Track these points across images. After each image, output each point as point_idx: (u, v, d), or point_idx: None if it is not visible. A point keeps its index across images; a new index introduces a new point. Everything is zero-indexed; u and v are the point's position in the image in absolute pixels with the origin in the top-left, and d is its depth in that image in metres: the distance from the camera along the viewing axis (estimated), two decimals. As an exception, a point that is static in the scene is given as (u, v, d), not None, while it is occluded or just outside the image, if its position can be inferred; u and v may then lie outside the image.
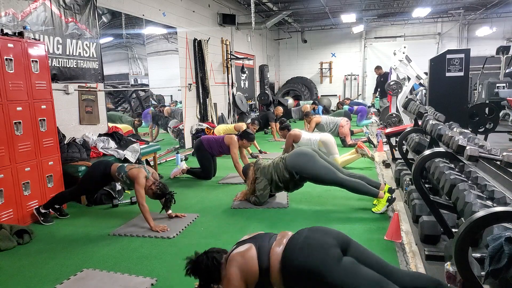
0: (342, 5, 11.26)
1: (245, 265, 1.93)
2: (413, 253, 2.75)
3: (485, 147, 2.40)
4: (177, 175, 5.44)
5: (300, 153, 3.96)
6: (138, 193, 3.52)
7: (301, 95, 14.80)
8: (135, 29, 6.52)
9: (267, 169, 4.04)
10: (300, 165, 3.85)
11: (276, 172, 3.96)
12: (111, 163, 3.88)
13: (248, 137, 5.18)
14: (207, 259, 2.03)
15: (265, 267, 1.92)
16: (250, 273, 1.93)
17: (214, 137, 5.43)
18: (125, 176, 3.64)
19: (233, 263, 1.97)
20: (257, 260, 1.93)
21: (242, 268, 1.93)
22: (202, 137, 5.57)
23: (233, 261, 1.98)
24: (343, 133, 7.47)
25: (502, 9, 12.16)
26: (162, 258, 2.92)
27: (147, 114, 7.10)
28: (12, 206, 3.57)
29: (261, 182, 4.02)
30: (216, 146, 5.27)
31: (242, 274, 1.93)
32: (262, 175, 4.04)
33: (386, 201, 3.69)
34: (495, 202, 2.32)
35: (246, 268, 1.93)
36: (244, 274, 1.93)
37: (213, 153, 5.32)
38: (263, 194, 4.03)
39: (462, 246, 1.59)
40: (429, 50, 13.27)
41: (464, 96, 6.09)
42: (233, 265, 1.96)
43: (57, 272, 2.75)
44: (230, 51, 10.23)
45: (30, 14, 4.26)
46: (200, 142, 5.38)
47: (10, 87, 3.54)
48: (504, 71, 9.30)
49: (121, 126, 6.02)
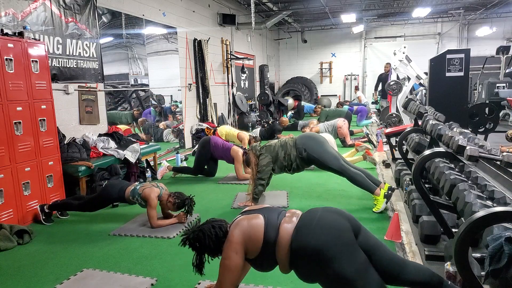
0: (342, 5, 11.26)
1: (250, 232, 1.86)
2: (413, 253, 2.75)
3: (485, 147, 2.40)
4: (164, 173, 5.52)
5: (312, 135, 4.06)
6: (149, 215, 3.51)
7: (301, 95, 14.79)
8: (135, 29, 6.52)
9: (273, 146, 4.04)
10: (311, 145, 3.90)
11: (283, 150, 3.97)
12: (125, 186, 3.71)
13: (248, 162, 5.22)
14: (213, 227, 1.95)
15: (271, 240, 1.84)
16: (253, 241, 1.85)
17: (223, 143, 5.40)
18: (140, 199, 3.58)
19: (238, 226, 1.89)
20: (263, 230, 1.85)
21: (246, 233, 1.86)
22: (212, 136, 5.59)
23: (239, 225, 1.90)
24: (342, 134, 7.49)
25: (502, 9, 12.16)
26: (162, 258, 2.92)
27: (147, 114, 7.10)
28: (12, 206, 3.57)
29: (264, 158, 4.00)
30: (221, 152, 5.29)
31: (244, 239, 1.85)
32: (267, 152, 4.03)
33: (383, 198, 3.71)
34: (495, 202, 2.32)
35: (250, 235, 1.85)
36: (247, 241, 1.85)
37: (214, 155, 5.34)
38: (265, 170, 3.99)
39: (462, 246, 1.59)
40: (429, 50, 13.26)
41: (464, 96, 6.09)
42: (237, 228, 1.88)
43: (57, 272, 2.75)
44: (230, 51, 10.23)
45: (30, 14, 4.26)
46: (208, 141, 5.38)
47: (10, 87, 3.54)
48: (504, 71, 9.30)
49: (121, 126, 6.03)
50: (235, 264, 1.86)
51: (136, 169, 5.10)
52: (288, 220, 1.89)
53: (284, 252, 1.82)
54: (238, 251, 1.85)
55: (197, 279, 2.56)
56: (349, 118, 9.02)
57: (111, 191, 3.70)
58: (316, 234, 1.76)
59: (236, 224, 1.92)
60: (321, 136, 4.10)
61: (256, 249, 1.85)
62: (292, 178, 5.13)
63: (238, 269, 1.87)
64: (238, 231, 1.87)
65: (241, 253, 1.86)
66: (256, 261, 1.91)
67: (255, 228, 1.86)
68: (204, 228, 1.97)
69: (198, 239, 1.96)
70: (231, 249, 1.86)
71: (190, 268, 2.72)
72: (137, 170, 5.14)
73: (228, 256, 1.86)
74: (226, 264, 1.87)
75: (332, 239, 1.73)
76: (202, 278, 2.56)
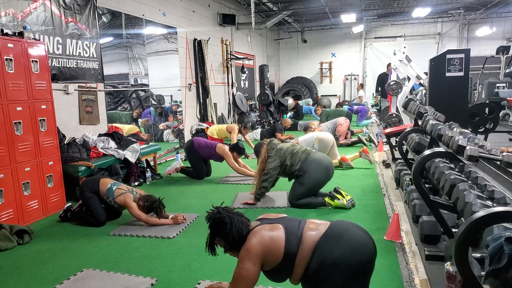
0: (342, 5, 11.26)
1: (271, 245, 1.78)
2: (413, 253, 2.75)
3: (485, 147, 2.40)
4: (171, 173, 5.49)
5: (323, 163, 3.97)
6: (136, 217, 3.55)
7: (301, 95, 14.79)
8: (135, 29, 6.52)
9: (284, 152, 4.03)
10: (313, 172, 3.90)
11: (291, 160, 3.97)
12: (97, 182, 3.69)
13: (238, 150, 5.22)
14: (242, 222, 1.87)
15: (293, 251, 1.76)
16: (274, 254, 1.78)
17: (206, 142, 5.41)
18: (113, 201, 3.60)
19: (258, 237, 1.81)
20: (284, 243, 1.78)
21: (267, 246, 1.78)
22: (194, 138, 5.61)
23: (259, 235, 1.81)
24: (339, 131, 7.50)
25: (502, 9, 12.16)
26: (162, 258, 2.92)
27: (147, 114, 7.10)
28: (12, 206, 3.57)
29: (273, 162, 4.00)
30: (207, 151, 5.27)
31: (263, 252, 1.78)
32: (276, 156, 4.02)
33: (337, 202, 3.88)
34: (495, 202, 2.32)
35: (270, 248, 1.78)
36: (266, 253, 1.78)
37: (201, 155, 5.33)
38: (271, 174, 4.00)
39: (462, 246, 1.59)
40: (429, 50, 13.27)
41: (464, 96, 6.09)
42: (257, 238, 1.80)
43: (57, 272, 2.75)
44: (230, 51, 10.23)
45: (30, 14, 4.26)
46: (191, 143, 5.39)
47: (10, 87, 3.54)
48: (504, 71, 9.30)
49: (128, 127, 6.06)
50: (252, 276, 1.79)
51: (136, 169, 5.10)
52: (313, 228, 1.83)
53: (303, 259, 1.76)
54: (255, 263, 1.78)
55: (197, 279, 2.57)
56: (349, 118, 9.00)
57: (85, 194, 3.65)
58: (343, 247, 1.71)
59: (256, 233, 1.84)
60: (328, 164, 4.02)
61: (275, 262, 1.79)
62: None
63: (253, 280, 1.81)
64: (258, 242, 1.79)
65: (258, 265, 1.79)
66: (272, 272, 1.85)
67: (276, 241, 1.79)
68: (234, 217, 1.89)
69: (223, 222, 1.88)
70: (249, 260, 1.78)
71: (190, 268, 2.74)
72: (137, 170, 5.14)
73: (245, 266, 1.79)
74: (241, 274, 1.80)
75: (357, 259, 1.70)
76: (202, 278, 2.57)
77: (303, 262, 1.76)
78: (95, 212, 3.64)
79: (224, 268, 2.70)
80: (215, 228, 1.92)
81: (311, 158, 3.97)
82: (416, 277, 2.45)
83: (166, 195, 4.65)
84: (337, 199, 3.89)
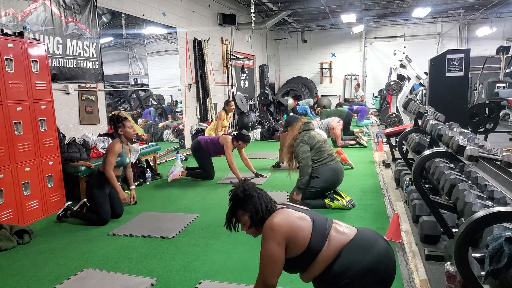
0: (342, 5, 11.26)
1: (297, 231, 1.72)
2: (413, 253, 2.75)
3: (485, 147, 2.40)
4: (176, 178, 5.25)
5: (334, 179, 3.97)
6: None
7: (301, 95, 14.79)
8: (135, 29, 6.52)
9: (315, 143, 3.94)
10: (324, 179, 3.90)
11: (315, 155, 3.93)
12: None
13: (243, 138, 5.19)
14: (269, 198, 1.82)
15: (317, 247, 1.71)
16: (297, 243, 1.72)
17: (210, 138, 5.44)
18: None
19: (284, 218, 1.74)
20: (310, 236, 1.72)
21: (293, 231, 1.72)
22: (199, 137, 5.57)
23: (286, 216, 1.75)
24: (335, 134, 7.45)
25: (502, 9, 12.16)
26: (162, 258, 2.92)
27: (147, 114, 7.10)
28: (12, 206, 3.57)
29: (305, 146, 3.89)
30: (212, 146, 5.27)
31: (289, 236, 1.71)
32: (309, 142, 3.92)
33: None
34: (495, 202, 2.32)
35: (297, 234, 1.72)
36: (291, 238, 1.71)
37: (210, 153, 5.31)
38: (307, 160, 3.87)
39: (462, 246, 1.59)
40: (429, 50, 13.27)
41: (464, 96, 6.10)
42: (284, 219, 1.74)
43: (57, 272, 2.75)
44: (230, 51, 10.23)
45: (30, 14, 4.26)
46: (198, 142, 5.37)
47: (10, 87, 3.54)
48: (504, 71, 9.31)
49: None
50: (278, 256, 1.71)
51: (136, 169, 5.10)
52: (340, 230, 1.79)
53: (325, 260, 1.71)
54: (280, 243, 1.71)
55: (197, 279, 2.56)
56: (350, 118, 8.99)
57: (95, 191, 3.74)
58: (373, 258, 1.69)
59: (282, 213, 1.77)
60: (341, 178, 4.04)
61: (295, 252, 1.73)
62: (293, 178, 5.13)
63: (281, 260, 1.73)
64: (284, 222, 1.72)
65: (282, 246, 1.72)
66: (289, 261, 1.77)
67: (303, 230, 1.73)
68: (260, 192, 1.84)
69: (249, 195, 1.81)
70: (274, 240, 1.71)
71: (190, 268, 2.74)
72: (137, 170, 5.14)
73: (269, 247, 1.71)
74: (268, 255, 1.72)
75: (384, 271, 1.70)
76: (202, 278, 2.57)
77: (324, 262, 1.72)
78: (101, 210, 3.66)
79: (224, 268, 2.71)
80: (240, 200, 1.82)
81: (332, 165, 3.94)
82: (416, 277, 2.44)
83: (166, 195, 4.67)
84: (337, 200, 3.89)
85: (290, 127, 4.10)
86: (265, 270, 1.74)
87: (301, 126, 4.01)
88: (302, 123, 4.04)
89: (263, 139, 9.10)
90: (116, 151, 3.71)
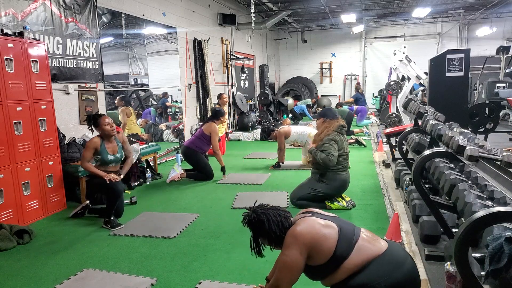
0: (342, 5, 11.26)
1: (322, 240, 1.70)
2: (413, 253, 2.75)
3: (485, 147, 2.40)
4: (175, 179, 5.25)
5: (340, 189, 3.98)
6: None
7: (301, 95, 14.79)
8: (135, 29, 6.52)
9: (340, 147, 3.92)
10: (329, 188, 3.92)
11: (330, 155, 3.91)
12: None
13: (220, 113, 5.43)
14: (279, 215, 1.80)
15: (343, 255, 1.68)
16: (322, 251, 1.69)
17: (193, 137, 5.49)
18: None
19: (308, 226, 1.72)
20: (336, 243, 1.69)
21: (317, 240, 1.70)
22: (184, 143, 5.65)
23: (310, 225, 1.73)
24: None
25: (502, 9, 12.15)
26: (162, 258, 2.92)
27: (147, 114, 7.10)
28: (12, 206, 3.57)
29: (334, 146, 3.87)
30: (200, 142, 5.32)
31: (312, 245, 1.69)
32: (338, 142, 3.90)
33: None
34: (495, 202, 2.32)
35: (321, 243, 1.69)
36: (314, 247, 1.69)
37: (204, 149, 5.36)
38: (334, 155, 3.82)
39: (462, 246, 1.59)
40: (429, 50, 13.27)
41: (464, 96, 6.09)
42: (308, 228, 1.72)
43: (57, 272, 2.75)
44: (230, 51, 10.23)
45: (30, 14, 4.26)
46: (186, 148, 5.40)
47: (10, 87, 3.54)
48: (504, 71, 9.31)
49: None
50: (297, 264, 1.70)
51: (136, 169, 5.10)
52: (370, 240, 1.77)
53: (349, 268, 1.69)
54: (302, 252, 1.69)
55: (197, 279, 2.57)
56: (351, 118, 8.98)
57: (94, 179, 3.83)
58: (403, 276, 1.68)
59: (306, 221, 1.75)
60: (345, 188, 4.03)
61: (320, 260, 1.71)
62: (293, 178, 5.14)
63: (299, 269, 1.72)
64: (307, 230, 1.70)
65: (304, 255, 1.70)
66: (311, 269, 1.76)
67: (328, 239, 1.70)
68: (269, 213, 1.82)
69: (260, 221, 1.81)
70: (296, 248, 1.69)
71: (190, 268, 2.74)
72: (137, 170, 5.14)
73: (290, 254, 1.70)
74: (287, 262, 1.71)
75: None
76: (202, 278, 2.57)
77: (349, 270, 1.69)
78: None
79: (224, 268, 2.71)
80: (255, 228, 1.85)
81: (342, 175, 3.95)
82: (416, 277, 2.44)
83: (166, 195, 4.67)
84: (337, 202, 3.89)
85: (328, 120, 4.05)
86: (281, 276, 1.73)
87: (338, 126, 4.01)
88: (339, 124, 4.03)
89: (263, 139, 9.10)
90: (91, 146, 3.73)
